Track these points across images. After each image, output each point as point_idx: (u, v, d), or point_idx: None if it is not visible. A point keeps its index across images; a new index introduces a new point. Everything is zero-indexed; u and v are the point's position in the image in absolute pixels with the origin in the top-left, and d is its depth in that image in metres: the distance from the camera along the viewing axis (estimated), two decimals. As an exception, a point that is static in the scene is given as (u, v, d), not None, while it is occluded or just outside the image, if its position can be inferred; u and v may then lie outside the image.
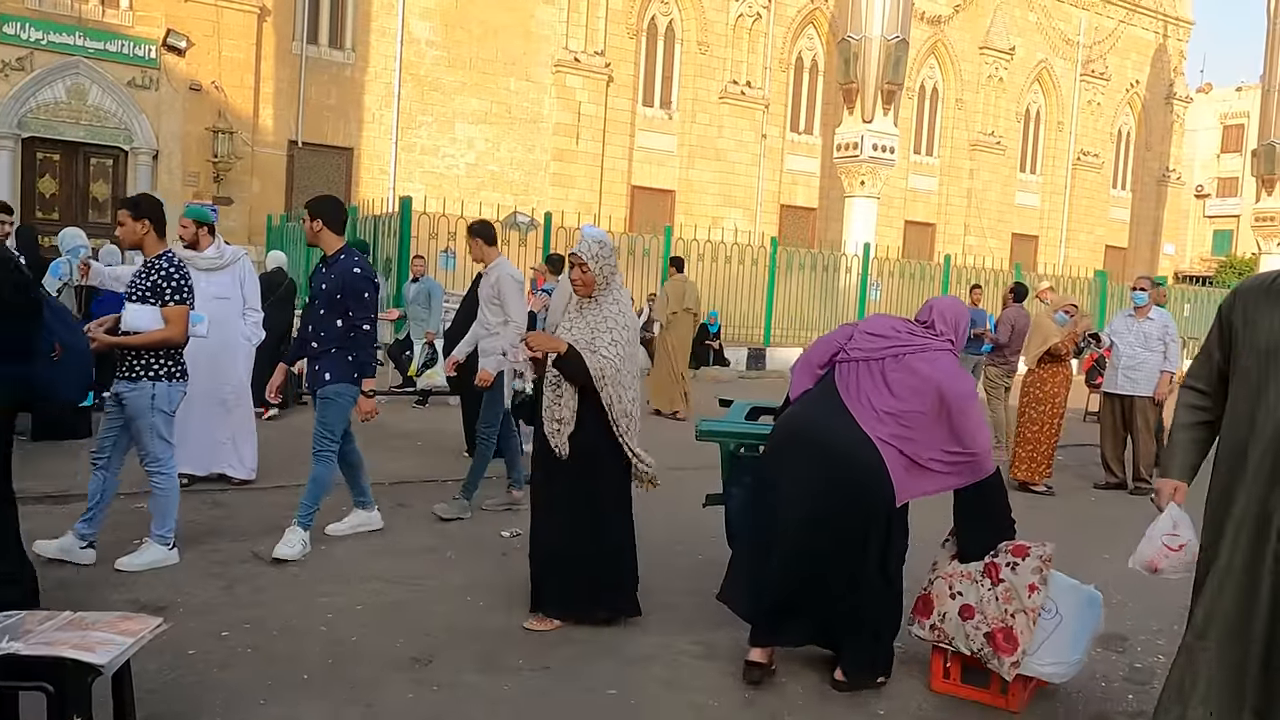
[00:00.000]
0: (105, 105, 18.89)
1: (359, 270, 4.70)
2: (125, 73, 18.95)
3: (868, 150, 20.67)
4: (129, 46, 18.91)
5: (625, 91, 24.20)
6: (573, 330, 3.86)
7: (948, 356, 3.48)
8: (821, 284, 17.32)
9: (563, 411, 3.81)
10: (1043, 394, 7.10)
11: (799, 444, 3.42)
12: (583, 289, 3.84)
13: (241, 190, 20.06)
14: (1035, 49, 31.30)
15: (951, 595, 3.42)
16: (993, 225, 30.72)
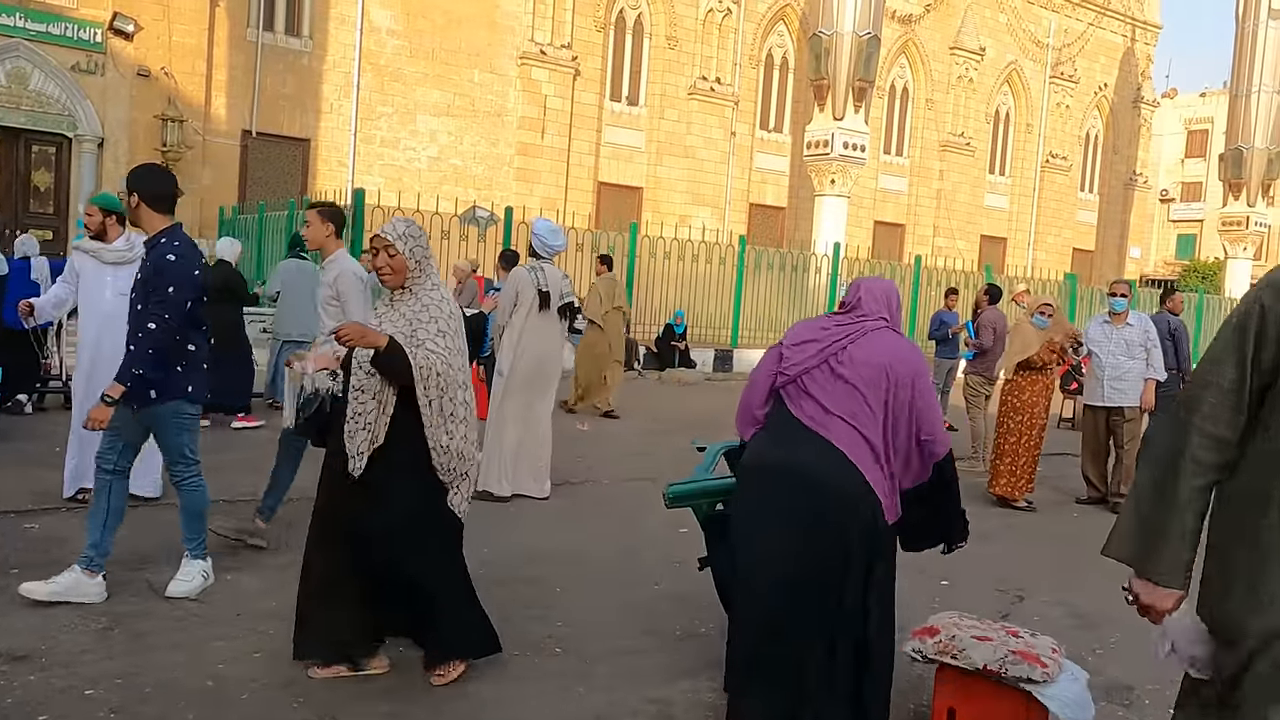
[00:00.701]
0: (48, 90, 18.08)
1: (174, 256, 3.88)
2: (69, 56, 18.14)
3: (838, 148, 20.32)
4: (73, 29, 18.10)
5: (592, 86, 23.71)
6: (383, 324, 3.28)
7: (889, 334, 3.05)
8: (791, 284, 16.92)
9: (375, 422, 3.17)
10: (1021, 403, 6.70)
11: (766, 485, 2.95)
12: (392, 277, 3.26)
13: (192, 181, 19.23)
14: (1005, 50, 31.21)
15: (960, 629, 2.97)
16: (962, 227, 30.59)
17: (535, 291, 6.00)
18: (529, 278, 6.04)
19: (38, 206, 18.51)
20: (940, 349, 10.70)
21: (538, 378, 6.07)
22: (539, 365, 6.06)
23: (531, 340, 6.02)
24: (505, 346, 6.08)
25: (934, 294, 19.54)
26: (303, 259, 9.01)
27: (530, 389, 6.03)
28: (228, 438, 7.59)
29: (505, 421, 5.98)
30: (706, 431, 9.07)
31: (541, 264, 6.12)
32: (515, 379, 6.01)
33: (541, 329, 6.06)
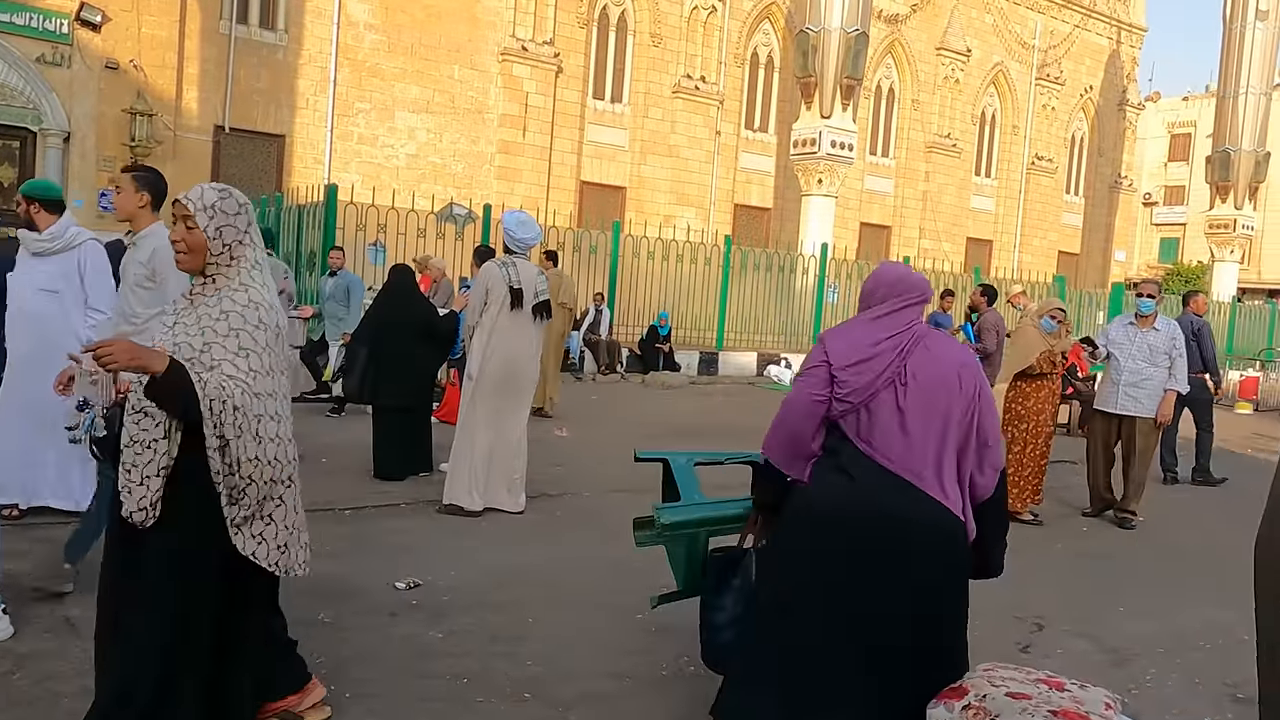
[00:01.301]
0: (11, 82, 17.48)
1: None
2: (34, 48, 17.55)
3: (826, 147, 19.93)
4: (38, 19, 17.52)
5: (575, 83, 23.28)
6: (176, 331, 2.51)
7: (940, 337, 2.71)
8: (777, 285, 16.54)
9: (149, 462, 2.41)
10: (1025, 410, 6.29)
11: (856, 541, 2.57)
12: (186, 258, 2.53)
13: (162, 177, 18.70)
14: (991, 51, 31.01)
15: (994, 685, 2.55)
16: (948, 229, 30.34)
17: (506, 289, 5.56)
18: (499, 274, 5.59)
19: (1, 202, 17.87)
20: (934, 352, 10.34)
21: (509, 382, 5.61)
22: (510, 368, 5.60)
23: (502, 341, 5.56)
24: (474, 348, 5.63)
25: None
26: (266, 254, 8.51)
27: (502, 394, 5.58)
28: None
29: (475, 429, 5.53)
30: (697, 440, 8.71)
31: (514, 259, 5.67)
32: (485, 383, 5.56)
33: (513, 329, 5.59)
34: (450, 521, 5.30)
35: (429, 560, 4.49)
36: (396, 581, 4.11)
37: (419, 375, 6.56)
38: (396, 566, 4.38)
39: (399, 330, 6.37)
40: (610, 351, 14.45)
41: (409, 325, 6.43)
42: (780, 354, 16.52)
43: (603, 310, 14.67)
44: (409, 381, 6.42)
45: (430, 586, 4.10)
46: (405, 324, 6.42)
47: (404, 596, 4.02)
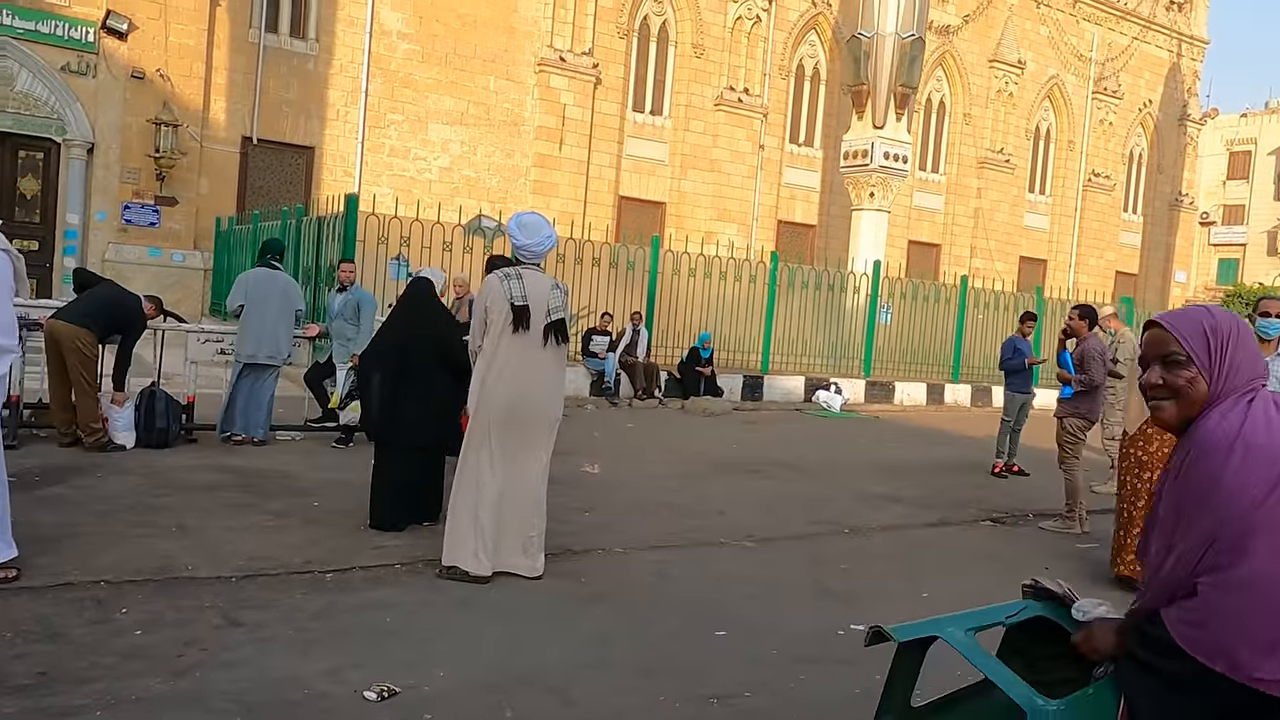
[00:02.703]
0: (36, 92, 17.05)
1: None
2: (59, 56, 17.12)
3: (878, 158, 18.91)
4: (64, 28, 17.10)
5: (614, 95, 22.54)
6: None
7: None
8: (826, 305, 15.51)
9: None
10: (1149, 456, 5.26)
11: None
12: None
13: (187, 189, 18.20)
14: (1046, 64, 29.95)
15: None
16: (1000, 247, 29.18)
17: (508, 306, 4.63)
18: (499, 288, 4.66)
19: (23, 215, 17.45)
20: (1013, 381, 9.27)
21: (517, 420, 4.65)
22: (517, 404, 4.65)
23: (505, 371, 4.63)
24: (474, 379, 4.72)
25: (981, 317, 18.09)
26: (274, 268, 7.69)
27: (509, 434, 4.63)
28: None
29: (478, 476, 4.59)
30: (749, 477, 7.60)
31: (521, 270, 4.73)
32: (486, 422, 4.63)
33: (520, 356, 4.63)
34: (451, 590, 4.37)
35: (416, 651, 3.55)
36: (366, 690, 3.15)
37: (438, 406, 5.50)
38: (374, 659, 3.44)
39: (418, 352, 5.41)
40: (648, 375, 13.52)
41: (429, 346, 5.46)
42: (829, 378, 15.48)
43: (640, 330, 13.75)
44: (427, 414, 5.44)
45: (409, 697, 3.14)
46: (425, 345, 5.45)
47: (373, 713, 3.07)
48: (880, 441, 11.43)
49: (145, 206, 17.77)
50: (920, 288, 17.16)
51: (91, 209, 17.66)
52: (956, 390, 17.26)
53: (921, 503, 7.50)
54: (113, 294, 7.16)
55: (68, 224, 17.48)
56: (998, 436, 9.39)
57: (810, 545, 5.78)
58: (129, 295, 7.27)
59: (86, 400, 6.91)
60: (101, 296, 7.04)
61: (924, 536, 6.33)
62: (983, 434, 13.14)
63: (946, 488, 8.33)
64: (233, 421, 7.57)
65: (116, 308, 7.02)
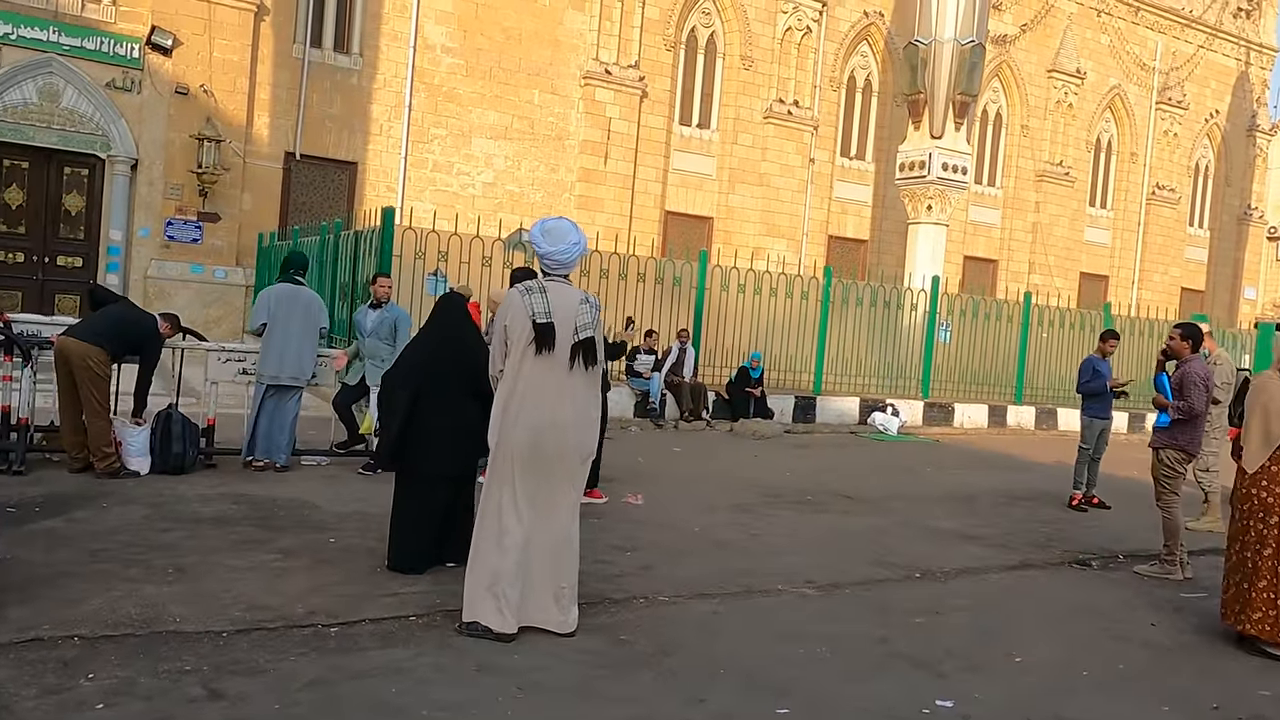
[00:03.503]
0: (81, 108, 16.99)
1: None
2: (104, 73, 17.06)
3: (936, 170, 18.14)
4: (109, 44, 17.05)
5: (660, 108, 22.09)
6: None
7: None
8: (882, 322, 14.81)
9: None
10: (1275, 498, 4.55)
11: None
12: None
13: (230, 205, 18.02)
14: (1107, 74, 28.95)
15: None
16: (1060, 263, 28.19)
17: (529, 324, 4.09)
18: (520, 304, 4.10)
19: (68, 231, 17.39)
20: (1091, 406, 8.52)
21: (543, 455, 4.07)
22: (540, 437, 4.07)
23: (529, 399, 4.07)
24: (494, 408, 4.17)
25: (1046, 336, 17.23)
26: (298, 283, 7.25)
27: (535, 472, 4.06)
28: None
29: (501, 519, 4.02)
30: (805, 508, 6.86)
31: (546, 283, 4.16)
32: (509, 458, 4.07)
33: (544, 382, 4.07)
34: (469, 650, 3.81)
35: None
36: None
37: (469, 434, 4.83)
38: None
39: (445, 373, 4.88)
40: (695, 395, 12.92)
41: (458, 367, 4.90)
42: (885, 399, 14.76)
43: (687, 349, 13.17)
44: (454, 439, 4.87)
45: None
46: (453, 365, 4.91)
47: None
48: (943, 468, 10.71)
49: (188, 223, 17.61)
50: (981, 304, 16.36)
51: (135, 225, 17.55)
52: (1020, 412, 16.42)
53: (998, 541, 6.81)
54: (126, 312, 6.78)
55: (111, 240, 17.37)
56: (1075, 465, 8.64)
57: (878, 593, 5.15)
58: (144, 314, 6.89)
59: (98, 422, 6.51)
60: (114, 314, 6.65)
61: (1005, 583, 5.65)
62: (1050, 459, 12.36)
63: (1022, 522, 7.62)
64: (254, 446, 7.12)
65: (130, 325, 6.62)
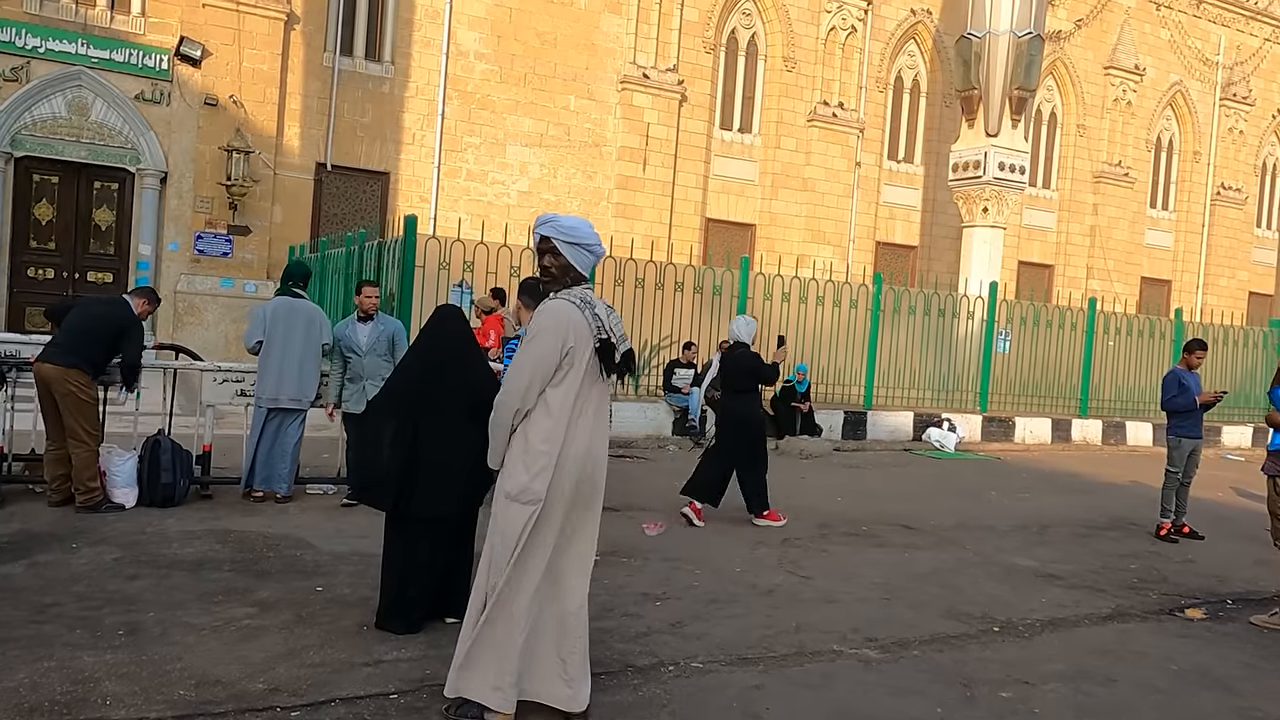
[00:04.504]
0: (110, 121, 16.70)
1: None
2: (133, 85, 16.76)
3: (992, 169, 17.17)
4: (138, 56, 16.76)
5: (700, 113, 21.41)
6: None
7: None
8: (936, 332, 13.93)
9: None
10: None
11: None
12: None
13: (260, 218, 17.63)
14: (1168, 69, 27.73)
15: None
16: (1120, 268, 26.98)
17: (594, 343, 3.42)
18: (582, 319, 3.41)
19: (98, 247, 17.08)
20: (1178, 424, 7.62)
21: (580, 498, 3.41)
22: (585, 477, 3.41)
23: (581, 433, 3.40)
24: (528, 444, 3.38)
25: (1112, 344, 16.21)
26: (297, 296, 6.63)
27: (572, 519, 3.38)
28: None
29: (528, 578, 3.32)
30: (851, 544, 5.99)
31: (589, 294, 3.49)
32: (560, 505, 3.36)
33: (599, 409, 3.49)
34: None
35: None
36: None
37: (473, 469, 4.02)
38: None
39: (445, 401, 4.19)
40: (737, 411, 12.14)
41: (460, 393, 4.19)
42: (941, 414, 13.87)
43: (728, 362, 12.39)
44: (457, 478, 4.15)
45: None
46: (454, 391, 4.20)
47: None
48: (1009, 491, 9.83)
49: (218, 236, 17.24)
50: (1042, 311, 15.39)
51: (164, 239, 17.22)
52: (1085, 426, 15.40)
53: (1084, 580, 5.97)
54: (89, 312, 6.13)
55: (140, 255, 17.05)
56: (1163, 491, 7.74)
57: (953, 655, 4.36)
58: (110, 305, 6.26)
59: (82, 452, 5.93)
60: (78, 325, 6.02)
61: (1102, 638, 4.82)
62: (1123, 478, 11.43)
63: (1108, 558, 6.75)
64: (254, 474, 6.51)
65: (100, 325, 6.01)
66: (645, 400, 12.18)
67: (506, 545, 3.30)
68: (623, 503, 7.51)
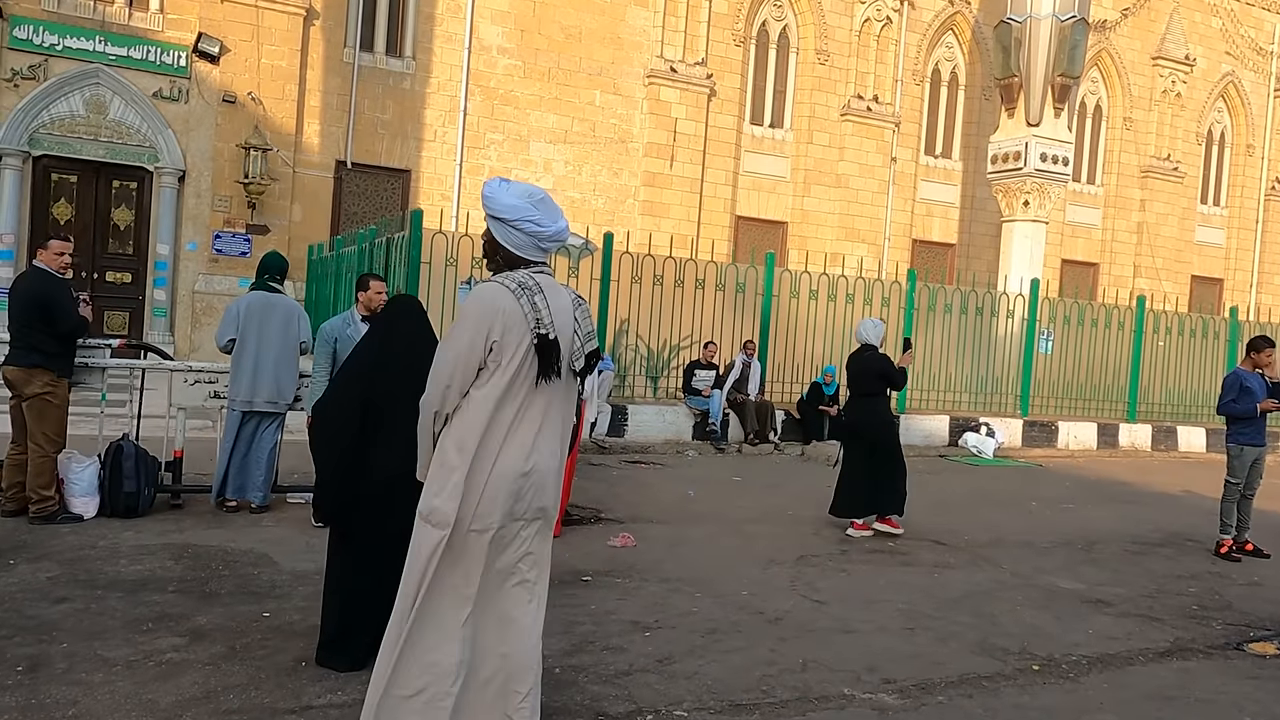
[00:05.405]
0: (128, 120, 16.51)
1: None
2: (151, 82, 16.56)
3: (1034, 161, 16.37)
4: (155, 53, 16.55)
5: (730, 107, 20.85)
6: None
7: None
8: (974, 331, 13.22)
9: None
10: None
11: None
12: None
13: (279, 216, 17.35)
14: (1219, 60, 26.71)
15: None
16: (1169, 266, 25.97)
17: (531, 337, 2.86)
18: (515, 308, 2.86)
19: (117, 246, 16.89)
20: (1240, 431, 6.91)
21: (511, 523, 2.85)
22: (519, 498, 2.83)
23: (510, 442, 2.83)
24: (445, 460, 2.85)
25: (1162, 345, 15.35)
26: (274, 290, 6.16)
27: (503, 543, 2.84)
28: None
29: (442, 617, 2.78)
30: (874, 561, 5.41)
31: (538, 278, 2.94)
32: (470, 527, 2.80)
33: (527, 418, 2.87)
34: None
35: None
36: None
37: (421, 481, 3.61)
38: None
39: (399, 403, 3.62)
40: (761, 415, 11.54)
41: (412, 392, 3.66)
42: (979, 418, 13.15)
43: (752, 363, 11.80)
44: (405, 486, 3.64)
45: None
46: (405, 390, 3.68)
47: None
48: (1051, 501, 9.13)
49: (236, 235, 16.97)
50: (1087, 310, 14.60)
51: (182, 239, 16.98)
52: (1134, 431, 14.58)
53: (1136, 607, 5.31)
54: (15, 297, 5.53)
55: (158, 255, 16.82)
56: (1222, 504, 7.02)
57: (985, 701, 3.75)
58: (26, 277, 5.70)
59: (37, 458, 5.51)
60: (13, 314, 5.49)
61: (1159, 680, 4.17)
62: (1176, 487, 10.67)
63: (1162, 578, 6.07)
64: (227, 483, 6.04)
65: (22, 308, 5.47)
66: (664, 403, 11.61)
67: (413, 575, 2.77)
68: (629, 514, 6.96)
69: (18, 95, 15.79)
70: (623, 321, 11.53)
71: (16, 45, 15.70)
